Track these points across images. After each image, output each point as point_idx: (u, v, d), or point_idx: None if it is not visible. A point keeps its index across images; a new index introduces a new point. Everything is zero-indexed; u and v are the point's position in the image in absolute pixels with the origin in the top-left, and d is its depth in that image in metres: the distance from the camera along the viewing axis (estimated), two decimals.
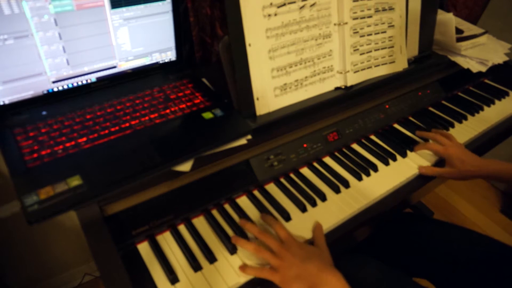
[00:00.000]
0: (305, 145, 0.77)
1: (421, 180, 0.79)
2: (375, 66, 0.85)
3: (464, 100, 1.03)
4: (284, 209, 0.67)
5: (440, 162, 0.82)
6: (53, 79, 0.68)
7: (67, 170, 0.55)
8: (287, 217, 0.66)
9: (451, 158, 0.77)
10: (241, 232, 0.62)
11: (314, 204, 0.69)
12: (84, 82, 0.72)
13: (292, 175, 0.75)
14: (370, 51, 0.83)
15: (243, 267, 0.58)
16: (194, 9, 0.86)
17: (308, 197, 0.70)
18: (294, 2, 0.71)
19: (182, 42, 0.80)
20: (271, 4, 0.68)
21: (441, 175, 0.78)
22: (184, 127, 0.67)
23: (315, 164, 0.78)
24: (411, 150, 0.84)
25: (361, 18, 0.80)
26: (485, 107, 1.01)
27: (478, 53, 1.01)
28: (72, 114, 0.67)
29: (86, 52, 0.69)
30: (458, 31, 1.06)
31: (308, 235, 0.64)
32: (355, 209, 0.69)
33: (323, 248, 0.61)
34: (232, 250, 0.60)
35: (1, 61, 0.60)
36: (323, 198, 0.70)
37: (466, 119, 0.96)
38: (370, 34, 0.82)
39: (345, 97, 0.81)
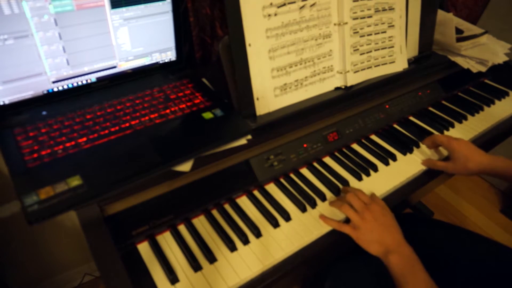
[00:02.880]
0: (305, 145, 0.77)
1: (421, 180, 0.79)
2: (375, 66, 0.85)
3: (464, 100, 1.03)
4: (284, 209, 0.67)
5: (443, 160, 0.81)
6: (53, 79, 0.68)
7: (67, 170, 0.55)
8: (287, 217, 0.66)
9: (455, 152, 0.76)
10: (241, 233, 0.63)
11: (314, 204, 0.69)
12: (84, 82, 0.72)
13: (292, 175, 0.75)
14: (370, 51, 0.83)
15: (325, 218, 0.66)
16: (194, 9, 0.86)
17: (308, 197, 0.70)
18: (294, 2, 0.71)
19: (182, 42, 0.80)
20: (271, 4, 0.68)
21: (444, 168, 0.77)
22: (184, 127, 0.67)
23: (315, 164, 0.78)
24: (411, 151, 0.84)
25: (361, 18, 0.80)
26: (485, 107, 1.01)
27: (478, 53, 1.01)
28: (72, 114, 0.67)
29: (86, 52, 0.69)
30: (458, 31, 1.06)
31: (307, 235, 0.64)
32: None
33: (396, 222, 0.65)
34: (233, 248, 0.60)
35: (1, 61, 0.60)
36: (323, 198, 0.70)
37: (466, 119, 0.96)
38: (370, 34, 0.82)
39: (345, 97, 0.81)
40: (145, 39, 0.75)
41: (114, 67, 0.74)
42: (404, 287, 0.58)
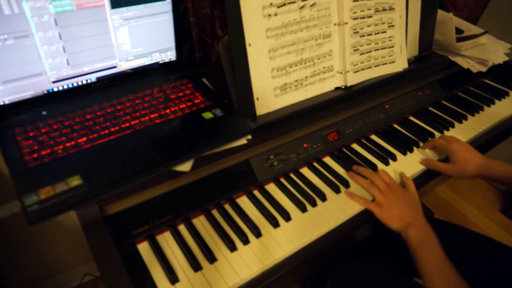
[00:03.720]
0: (305, 145, 0.77)
1: (421, 180, 0.79)
2: (375, 66, 0.85)
3: (464, 100, 1.03)
4: (284, 209, 0.67)
5: (442, 161, 0.81)
6: (53, 79, 0.68)
7: (67, 170, 0.55)
8: (287, 217, 0.66)
9: (453, 154, 0.77)
10: (241, 233, 0.62)
11: (314, 204, 0.69)
12: (84, 82, 0.72)
13: (292, 175, 0.75)
14: (370, 51, 0.83)
15: (351, 194, 0.70)
16: (194, 9, 0.86)
17: (308, 197, 0.70)
18: (294, 2, 0.71)
19: (182, 42, 0.80)
20: (271, 4, 0.68)
21: (442, 170, 0.77)
22: (184, 127, 0.67)
23: (315, 164, 0.78)
24: (411, 150, 0.84)
25: (361, 18, 0.80)
26: (485, 107, 1.01)
27: (478, 53, 1.01)
28: (72, 114, 0.67)
29: (86, 52, 0.69)
30: (458, 31, 1.06)
31: (307, 234, 0.64)
32: (356, 209, 0.69)
33: (418, 200, 0.71)
34: (233, 248, 0.60)
35: (1, 61, 0.60)
36: (323, 198, 0.70)
37: (466, 119, 0.96)
38: (370, 34, 0.82)
39: (345, 97, 0.81)
40: (145, 39, 0.75)
41: (114, 67, 0.74)
42: (420, 256, 0.62)
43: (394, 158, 0.81)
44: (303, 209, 0.68)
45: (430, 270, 0.61)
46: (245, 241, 0.62)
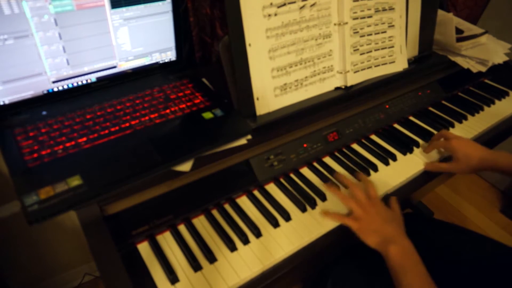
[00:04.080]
0: (305, 145, 0.77)
1: (421, 180, 0.79)
2: (375, 66, 0.85)
3: (464, 100, 1.03)
4: (284, 209, 0.67)
5: (444, 160, 0.81)
6: (53, 79, 0.68)
7: (67, 170, 0.55)
8: (287, 217, 0.66)
9: (455, 152, 0.76)
10: (241, 233, 0.63)
11: (314, 204, 0.69)
12: (84, 82, 0.72)
13: (292, 175, 0.75)
14: (370, 51, 0.83)
15: (326, 212, 0.66)
16: (194, 9, 0.86)
17: (308, 197, 0.70)
18: (294, 2, 0.71)
19: (182, 42, 0.80)
20: (271, 4, 0.68)
21: (448, 170, 0.77)
22: (184, 127, 0.67)
23: (315, 164, 0.78)
24: (411, 150, 0.84)
25: (361, 18, 0.80)
26: (485, 107, 1.01)
27: (478, 53, 1.01)
28: (72, 114, 0.67)
29: (86, 52, 0.69)
30: (458, 31, 1.06)
31: (307, 235, 0.64)
32: None
33: (400, 217, 0.66)
34: (233, 248, 0.60)
35: (1, 61, 0.60)
36: (323, 198, 0.70)
37: (466, 119, 0.96)
38: (370, 34, 0.82)
39: (345, 97, 0.81)
40: (145, 39, 0.75)
41: (114, 67, 0.74)
42: (402, 278, 0.58)
43: (394, 158, 0.81)
44: (303, 209, 0.68)
45: None
46: (245, 241, 0.62)
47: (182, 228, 0.64)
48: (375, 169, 0.78)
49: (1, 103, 0.64)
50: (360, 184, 0.70)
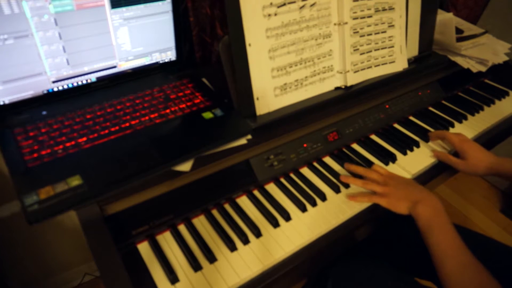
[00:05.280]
0: (305, 145, 0.77)
1: (421, 179, 0.78)
2: (375, 66, 0.85)
3: (464, 100, 1.03)
4: (284, 209, 0.67)
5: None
6: (53, 79, 0.68)
7: (67, 170, 0.55)
8: (287, 217, 0.66)
9: (466, 153, 0.78)
10: (241, 233, 0.62)
11: (314, 204, 0.69)
12: (84, 82, 0.72)
13: (292, 175, 0.75)
14: (370, 51, 0.83)
15: (353, 196, 0.70)
16: (194, 9, 0.86)
17: (308, 197, 0.70)
18: (294, 2, 0.71)
19: (182, 42, 0.80)
20: (271, 4, 0.68)
21: (455, 164, 0.79)
22: (184, 127, 0.67)
23: (315, 164, 0.78)
24: (412, 150, 0.84)
25: (361, 18, 0.80)
26: (485, 107, 1.01)
27: (478, 53, 1.01)
28: (72, 114, 0.67)
29: (86, 52, 0.69)
30: (458, 31, 1.06)
31: (307, 234, 0.64)
32: (356, 209, 0.69)
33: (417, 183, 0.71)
34: (233, 248, 0.60)
35: (1, 61, 0.60)
36: (323, 198, 0.70)
37: (466, 119, 0.96)
38: (370, 34, 0.82)
39: (345, 97, 0.81)
40: (145, 39, 0.75)
41: (114, 67, 0.74)
42: (430, 233, 0.60)
43: (394, 158, 0.81)
44: (303, 209, 0.68)
45: (442, 250, 0.58)
46: (245, 241, 0.62)
47: (182, 228, 0.64)
48: None
49: (1, 103, 0.64)
50: (371, 167, 0.75)
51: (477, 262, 0.57)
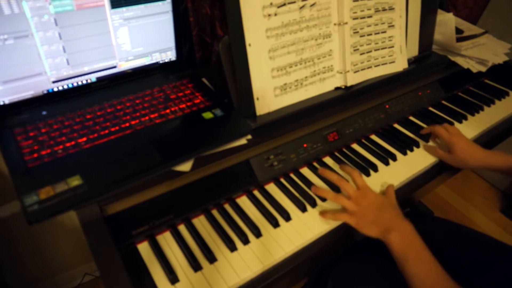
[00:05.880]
0: (305, 145, 0.77)
1: (421, 179, 0.79)
2: (375, 66, 0.85)
3: (464, 100, 1.03)
4: (284, 209, 0.67)
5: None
6: (53, 79, 0.68)
7: (67, 170, 0.55)
8: (287, 217, 0.66)
9: (454, 146, 0.79)
10: (241, 233, 0.63)
11: (314, 204, 0.69)
12: (84, 82, 0.72)
13: (292, 175, 0.75)
14: (370, 51, 0.83)
15: (323, 213, 0.66)
16: (194, 9, 0.86)
17: (308, 197, 0.70)
18: (294, 2, 0.71)
19: (182, 42, 0.80)
20: (271, 4, 0.68)
21: (443, 157, 0.80)
22: (184, 127, 0.67)
23: (315, 164, 0.78)
24: (411, 150, 0.84)
25: (361, 18, 0.80)
26: (485, 107, 1.01)
27: (478, 53, 1.01)
28: (72, 114, 0.67)
29: (86, 52, 0.69)
30: (458, 31, 1.06)
31: (307, 234, 0.64)
32: None
33: (394, 202, 0.67)
34: (233, 248, 0.60)
35: (1, 61, 0.60)
36: (323, 198, 0.70)
37: (466, 119, 0.96)
38: (370, 34, 0.82)
39: (345, 97, 0.81)
40: (145, 39, 0.75)
41: (114, 67, 0.74)
42: (405, 264, 0.57)
43: (394, 158, 0.81)
44: (303, 209, 0.68)
45: (419, 280, 0.55)
46: (245, 241, 0.62)
47: (182, 228, 0.64)
48: (375, 169, 0.78)
49: (1, 103, 0.64)
50: (345, 177, 0.70)
51: (452, 283, 0.55)
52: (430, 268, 0.56)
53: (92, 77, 0.72)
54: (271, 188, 0.72)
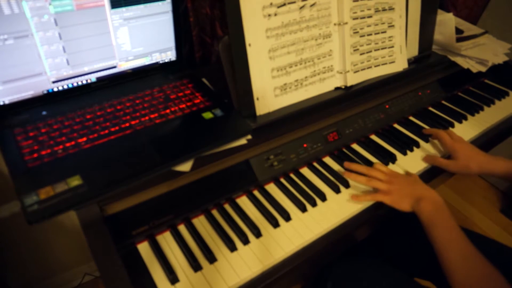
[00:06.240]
0: (305, 145, 0.77)
1: (421, 179, 0.78)
2: (375, 66, 0.85)
3: (464, 100, 1.03)
4: (284, 209, 0.67)
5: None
6: (53, 79, 0.68)
7: (67, 170, 0.55)
8: (287, 217, 0.66)
9: (457, 152, 0.78)
10: (241, 233, 0.62)
11: (314, 204, 0.69)
12: (84, 82, 0.72)
13: (292, 175, 0.75)
14: (370, 51, 0.83)
15: (356, 196, 0.70)
16: (194, 9, 0.86)
17: (308, 197, 0.70)
18: (294, 2, 0.71)
19: (182, 42, 0.80)
20: (271, 4, 0.68)
21: (445, 166, 0.79)
22: (184, 127, 0.67)
23: (315, 164, 0.78)
24: (411, 150, 0.84)
25: (361, 18, 0.80)
26: (485, 107, 1.01)
27: (478, 53, 1.01)
28: (72, 114, 0.67)
29: (86, 52, 0.69)
30: (458, 31, 1.06)
31: (307, 234, 0.64)
32: (356, 209, 0.69)
33: (419, 179, 0.73)
34: (233, 248, 0.60)
35: (1, 61, 0.60)
36: (323, 198, 0.70)
37: (466, 119, 0.96)
38: (370, 34, 0.82)
39: (345, 97, 0.81)
40: (145, 39, 0.75)
41: (114, 67, 0.74)
42: (434, 229, 0.62)
43: (394, 158, 0.81)
44: (303, 209, 0.68)
45: (444, 243, 0.60)
46: (245, 241, 0.62)
47: (182, 228, 0.64)
48: None
49: (1, 103, 0.64)
50: (374, 166, 0.75)
51: (479, 254, 0.58)
52: (454, 232, 0.61)
53: (92, 77, 0.72)
54: (271, 188, 0.72)
